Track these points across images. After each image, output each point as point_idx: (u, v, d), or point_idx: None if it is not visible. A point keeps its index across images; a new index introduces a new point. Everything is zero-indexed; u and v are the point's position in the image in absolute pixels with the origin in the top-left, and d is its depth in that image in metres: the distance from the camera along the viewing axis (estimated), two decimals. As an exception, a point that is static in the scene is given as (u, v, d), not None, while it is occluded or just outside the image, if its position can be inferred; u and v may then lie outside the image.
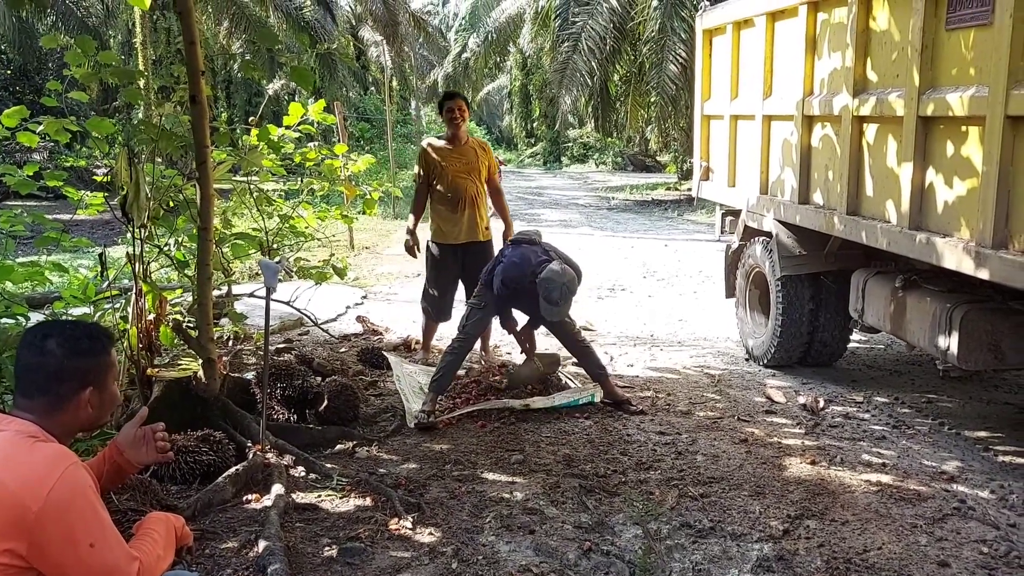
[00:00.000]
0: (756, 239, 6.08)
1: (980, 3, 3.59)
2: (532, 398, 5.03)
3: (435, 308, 5.95)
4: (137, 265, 4.53)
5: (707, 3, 6.86)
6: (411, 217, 5.99)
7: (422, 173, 5.81)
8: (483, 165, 5.78)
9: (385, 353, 5.94)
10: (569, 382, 5.37)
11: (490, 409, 4.90)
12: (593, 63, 16.27)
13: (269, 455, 4.04)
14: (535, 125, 34.75)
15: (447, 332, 5.94)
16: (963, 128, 3.76)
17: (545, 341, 5.94)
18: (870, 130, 4.51)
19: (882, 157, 4.39)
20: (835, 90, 4.76)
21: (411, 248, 5.84)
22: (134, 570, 2.02)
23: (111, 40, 22.71)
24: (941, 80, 3.89)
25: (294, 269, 5.66)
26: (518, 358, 5.86)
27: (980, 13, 3.59)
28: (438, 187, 5.74)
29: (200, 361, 4.30)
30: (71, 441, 2.21)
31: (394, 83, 28.63)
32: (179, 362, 4.53)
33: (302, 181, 7.50)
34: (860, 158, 4.60)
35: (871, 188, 4.53)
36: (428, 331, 6.14)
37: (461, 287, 5.90)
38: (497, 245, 5.69)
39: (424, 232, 5.94)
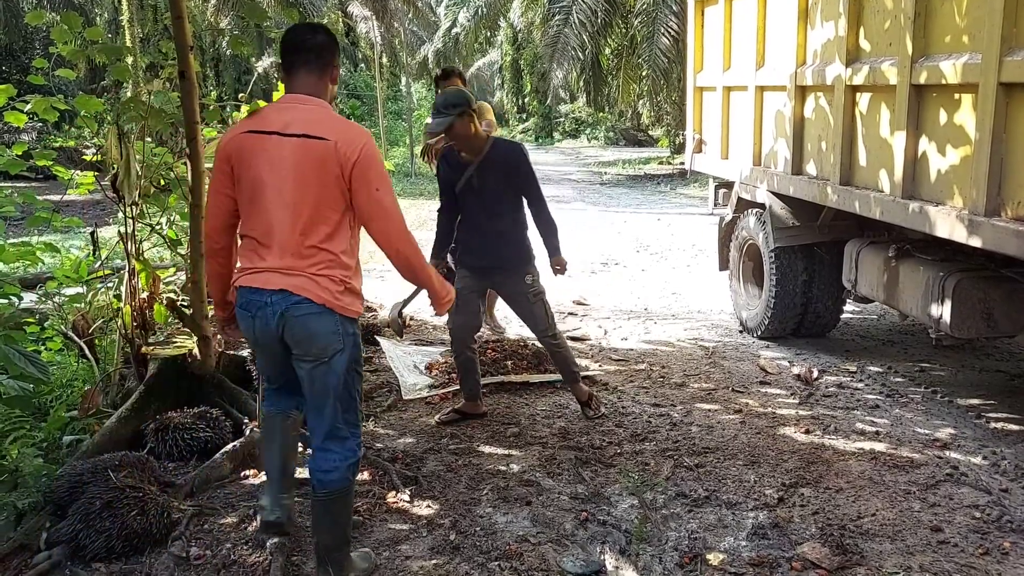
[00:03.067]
0: (749, 211, 6.08)
1: (973, -31, 3.56)
2: (528, 374, 5.05)
3: None
4: (129, 243, 4.50)
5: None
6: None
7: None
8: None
9: (377, 338, 5.92)
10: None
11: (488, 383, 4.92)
12: (584, 37, 16.17)
13: (266, 431, 4.04)
14: (526, 100, 34.57)
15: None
16: (956, 96, 3.75)
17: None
18: (863, 99, 4.50)
19: (875, 126, 4.38)
20: (828, 60, 4.74)
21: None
22: (400, 218, 2.76)
23: (97, 18, 22.45)
24: (934, 48, 3.87)
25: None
26: (511, 333, 5.89)
27: (973, -21, 3.57)
28: None
29: (195, 339, 4.29)
30: None
31: (384, 59, 28.40)
32: (174, 340, 4.53)
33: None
34: (853, 128, 4.59)
35: (864, 158, 4.52)
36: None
37: None
38: None
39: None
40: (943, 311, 4.09)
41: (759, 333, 5.95)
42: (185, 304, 5.06)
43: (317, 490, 2.81)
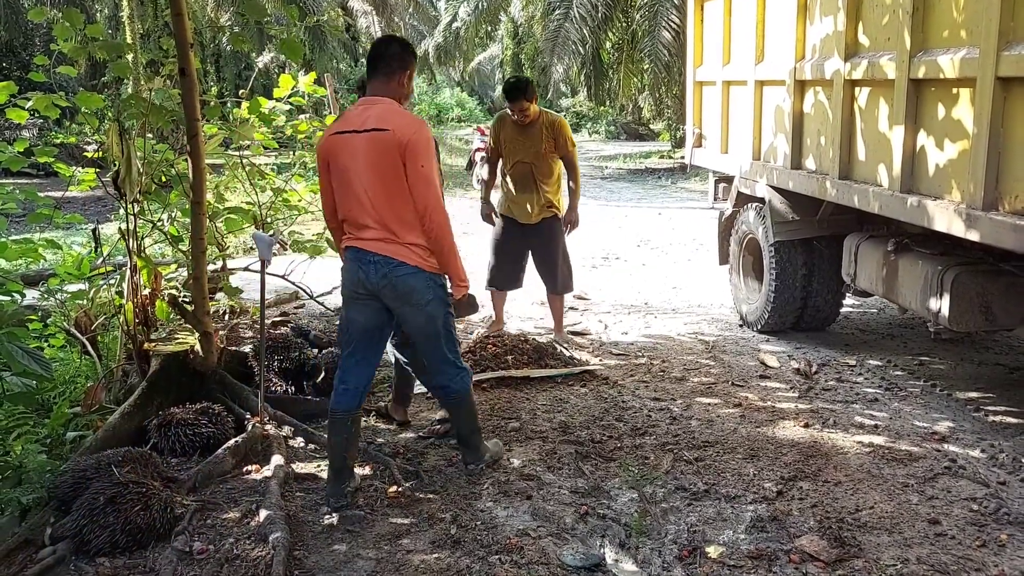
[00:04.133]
0: (749, 205, 6.09)
1: (971, -36, 3.57)
2: (529, 369, 5.07)
3: (494, 276, 5.84)
4: (131, 240, 4.53)
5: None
6: (483, 186, 5.94)
7: (492, 144, 5.70)
8: (550, 145, 5.49)
9: None
10: (564, 351, 5.40)
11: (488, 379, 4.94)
12: (585, 31, 16.15)
13: (268, 426, 4.08)
14: (528, 95, 34.46)
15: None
16: (954, 90, 3.76)
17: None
18: (862, 94, 4.51)
19: (874, 121, 4.39)
20: (827, 54, 4.75)
21: (488, 216, 5.80)
22: (438, 191, 3.43)
23: (98, 14, 22.41)
24: (932, 42, 3.88)
25: (288, 242, 5.66)
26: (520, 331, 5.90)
27: (971, -26, 3.57)
28: (507, 165, 5.64)
29: (197, 335, 4.32)
30: None
31: (384, 54, 28.33)
32: (176, 336, 4.55)
33: (294, 154, 7.48)
34: (852, 122, 4.60)
35: (863, 152, 4.53)
36: (495, 301, 6.01)
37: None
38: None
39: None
40: (942, 305, 4.10)
41: (759, 327, 5.96)
42: (187, 300, 5.09)
43: (446, 400, 3.74)
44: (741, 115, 5.99)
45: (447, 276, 3.51)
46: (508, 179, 5.63)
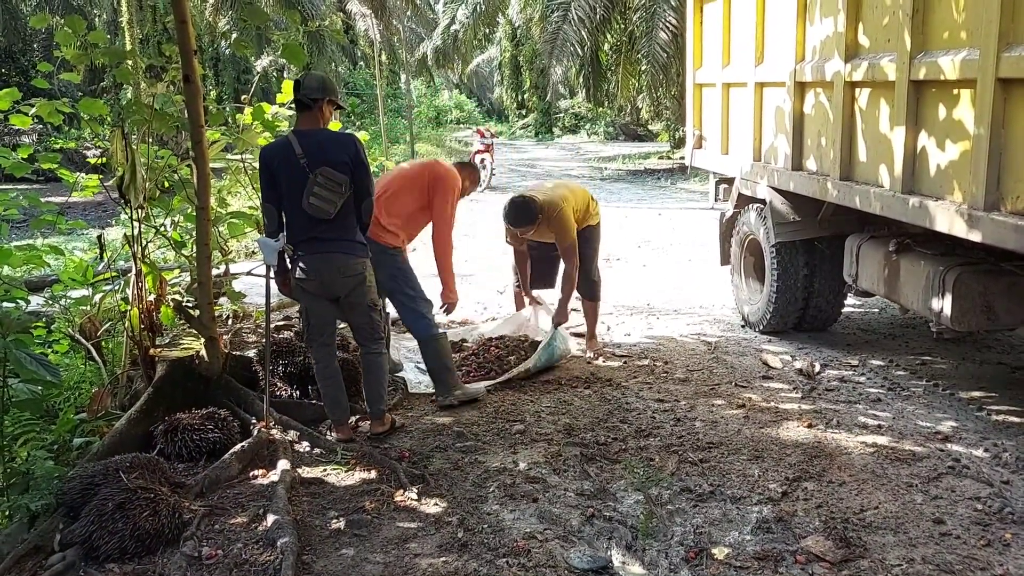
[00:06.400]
0: (750, 206, 6.11)
1: (971, -35, 3.59)
2: (523, 365, 5.11)
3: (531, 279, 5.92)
4: (136, 246, 4.54)
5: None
6: (516, 276, 5.95)
7: (512, 241, 5.74)
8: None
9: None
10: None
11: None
12: (583, 33, 16.17)
13: (273, 431, 4.10)
14: (526, 96, 34.51)
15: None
16: (955, 91, 3.77)
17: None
18: (862, 95, 4.52)
19: (875, 122, 4.41)
20: (827, 56, 4.77)
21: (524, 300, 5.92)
22: (450, 227, 4.78)
23: (96, 19, 22.46)
24: (932, 44, 3.90)
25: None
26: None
27: (971, -25, 3.59)
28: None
29: (202, 340, 4.33)
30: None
31: (383, 57, 28.41)
32: (181, 342, 4.56)
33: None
34: (853, 124, 4.62)
35: (864, 153, 4.55)
36: (515, 298, 6.12)
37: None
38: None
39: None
40: (944, 305, 4.12)
41: (761, 327, 5.98)
42: (190, 305, 5.10)
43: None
44: (741, 117, 6.01)
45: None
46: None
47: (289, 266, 4.05)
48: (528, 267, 5.81)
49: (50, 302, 5.59)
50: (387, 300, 4.74)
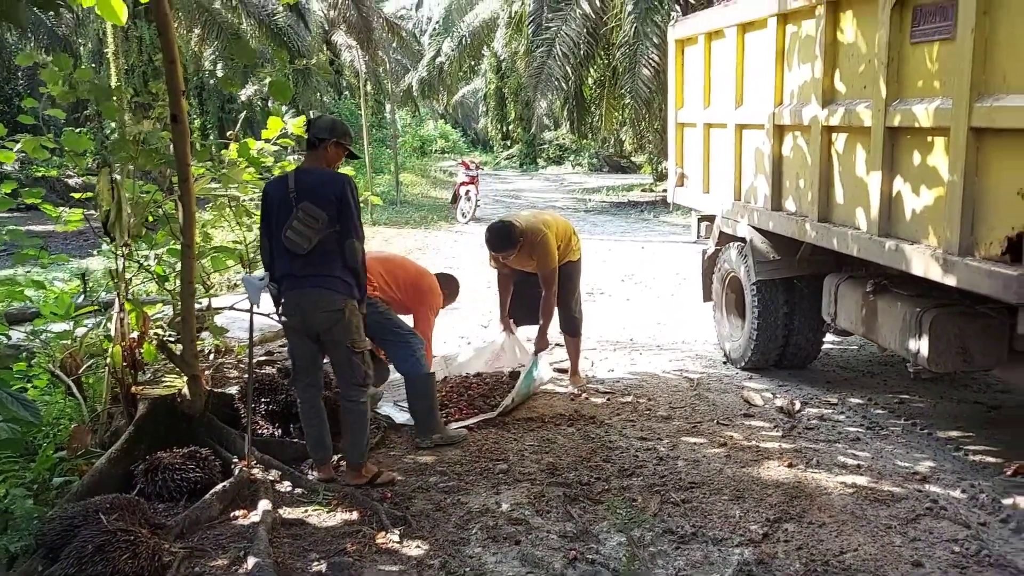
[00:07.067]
0: (731, 244, 6.18)
1: (943, 18, 3.70)
2: (506, 399, 5.15)
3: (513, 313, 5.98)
4: (119, 283, 4.54)
5: (678, 13, 6.95)
6: (500, 306, 5.98)
7: (495, 265, 5.79)
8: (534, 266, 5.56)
9: None
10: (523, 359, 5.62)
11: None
12: (568, 68, 16.35)
13: (255, 471, 4.08)
14: (511, 127, 34.76)
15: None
16: (929, 139, 3.87)
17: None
18: (839, 140, 4.62)
19: (851, 166, 4.50)
20: (804, 100, 4.87)
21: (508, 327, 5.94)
22: (430, 339, 4.99)
23: (81, 48, 22.48)
24: (907, 92, 4.00)
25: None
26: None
27: (943, 28, 3.70)
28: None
29: (185, 378, 4.32)
30: None
31: (368, 87, 28.58)
32: (163, 379, 4.55)
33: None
34: (830, 167, 4.71)
35: (841, 196, 4.64)
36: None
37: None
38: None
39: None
40: (921, 346, 4.18)
41: (742, 364, 6.03)
42: (172, 339, 5.09)
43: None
44: (722, 157, 6.11)
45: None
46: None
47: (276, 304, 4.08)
48: (510, 292, 5.86)
49: (31, 336, 5.56)
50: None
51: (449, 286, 5.43)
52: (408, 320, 4.90)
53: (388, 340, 4.67)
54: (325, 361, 4.24)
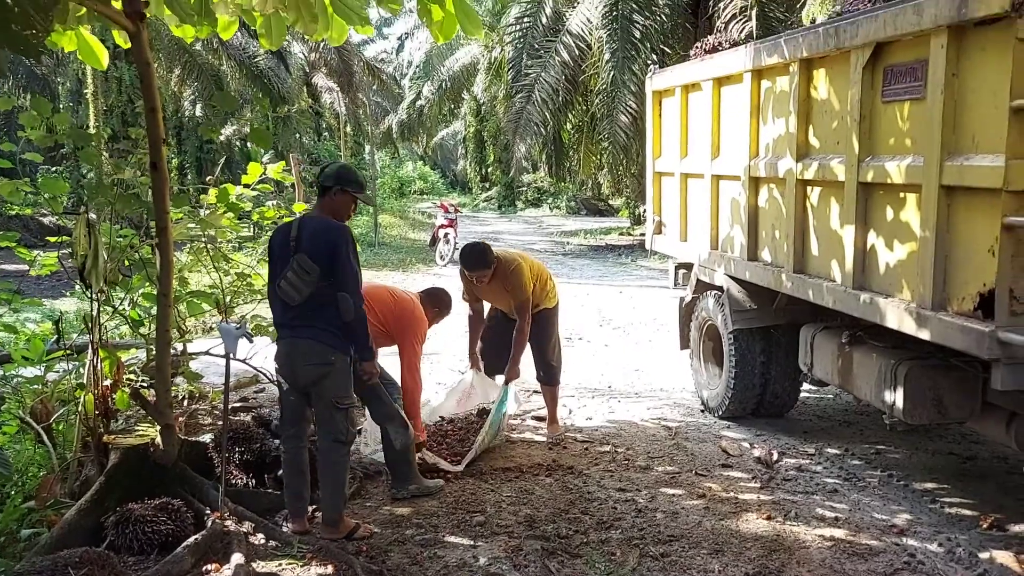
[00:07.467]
0: (708, 292, 6.23)
1: (913, 79, 3.80)
2: (479, 436, 5.16)
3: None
4: (95, 330, 4.48)
5: (655, 62, 7.09)
6: (469, 339, 5.94)
7: (468, 295, 5.77)
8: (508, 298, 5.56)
9: None
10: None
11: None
12: (546, 113, 16.55)
13: (228, 522, 4.00)
14: (489, 170, 35.00)
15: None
16: (901, 195, 3.94)
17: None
18: (814, 193, 4.70)
19: (826, 219, 4.57)
20: (779, 154, 4.96)
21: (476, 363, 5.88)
22: (418, 370, 4.89)
23: (60, 88, 22.46)
24: (879, 148, 4.09)
25: (250, 328, 5.62)
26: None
27: (914, 88, 3.80)
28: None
29: (158, 427, 4.26)
30: None
31: (348, 129, 28.74)
32: (136, 428, 4.48)
33: (260, 239, 7.50)
34: (805, 219, 4.78)
35: (816, 248, 4.70)
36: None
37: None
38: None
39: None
40: (896, 398, 4.22)
41: (720, 413, 6.05)
42: (145, 385, 5.02)
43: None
44: (699, 206, 6.18)
45: None
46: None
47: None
48: (480, 329, 5.84)
49: (1, 381, 5.46)
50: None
51: (439, 302, 5.27)
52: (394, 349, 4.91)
53: (365, 390, 4.62)
54: None
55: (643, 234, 8.70)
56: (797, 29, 5.57)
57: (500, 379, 5.61)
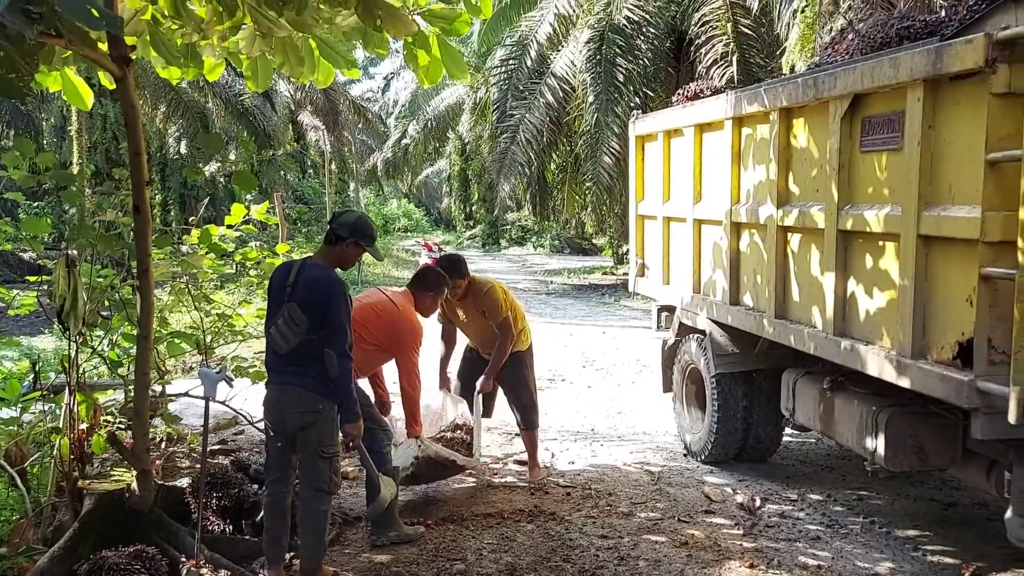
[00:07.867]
0: (691, 336, 6.25)
1: (891, 130, 3.86)
2: (475, 433, 5.31)
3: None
4: (73, 372, 4.43)
5: (638, 112, 7.20)
6: (440, 364, 5.89)
7: (444, 321, 5.79)
8: (485, 321, 5.57)
9: None
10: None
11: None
12: (531, 153, 16.70)
13: (204, 571, 3.93)
14: (474, 208, 35.18)
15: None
16: (880, 243, 3.98)
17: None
18: (794, 239, 4.74)
19: (806, 265, 4.61)
20: (760, 200, 5.01)
21: (446, 385, 5.84)
22: (417, 377, 4.83)
23: (44, 123, 22.44)
24: (858, 197, 4.14)
25: (231, 371, 5.57)
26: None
27: (891, 139, 3.86)
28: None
29: (134, 471, 4.19)
30: None
31: (333, 166, 28.84)
32: (112, 473, 4.41)
33: (242, 279, 7.48)
34: (786, 265, 4.82)
35: (797, 294, 4.73)
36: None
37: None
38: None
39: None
40: (877, 445, 4.21)
41: (703, 457, 6.03)
42: (122, 427, 4.95)
43: None
44: (682, 249, 6.22)
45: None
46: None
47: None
48: (452, 349, 5.88)
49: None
50: None
51: (431, 284, 5.06)
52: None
53: None
54: None
55: (626, 273, 8.75)
56: (777, 79, 5.67)
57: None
